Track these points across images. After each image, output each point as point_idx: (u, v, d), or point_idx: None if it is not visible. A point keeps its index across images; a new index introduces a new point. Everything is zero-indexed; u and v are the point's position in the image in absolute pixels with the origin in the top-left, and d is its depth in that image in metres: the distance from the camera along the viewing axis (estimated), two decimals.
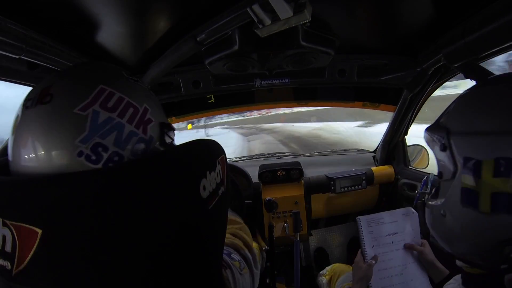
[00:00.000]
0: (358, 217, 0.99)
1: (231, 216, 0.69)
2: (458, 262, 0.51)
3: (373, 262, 0.91)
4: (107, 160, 0.33)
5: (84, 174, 0.31)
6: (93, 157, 0.32)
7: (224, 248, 0.53)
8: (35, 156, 0.32)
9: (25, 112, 0.34)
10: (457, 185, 0.43)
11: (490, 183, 0.38)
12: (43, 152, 0.32)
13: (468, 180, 0.41)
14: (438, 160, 0.49)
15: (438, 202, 0.49)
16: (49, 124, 0.32)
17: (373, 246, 0.95)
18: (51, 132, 0.32)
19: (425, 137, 0.51)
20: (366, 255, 0.94)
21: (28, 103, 0.34)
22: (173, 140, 0.41)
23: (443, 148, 0.45)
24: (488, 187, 0.38)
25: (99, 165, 0.32)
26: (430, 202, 0.51)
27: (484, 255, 0.43)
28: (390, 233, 0.97)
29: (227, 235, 0.59)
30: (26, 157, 0.33)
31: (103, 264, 0.30)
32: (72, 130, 0.32)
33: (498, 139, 0.38)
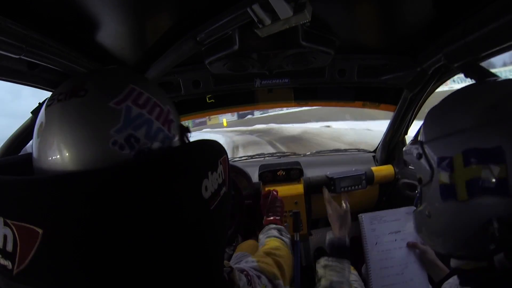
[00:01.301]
0: (361, 214, 0.99)
1: (283, 243, 0.73)
2: (452, 262, 0.52)
3: (347, 204, 0.97)
4: (139, 150, 0.35)
5: (85, 174, 0.31)
6: (126, 147, 0.34)
7: (257, 271, 0.55)
8: (69, 147, 0.33)
9: (58, 104, 0.35)
10: (436, 184, 0.48)
11: (462, 173, 0.44)
12: (78, 142, 0.33)
13: (444, 176, 0.46)
14: (416, 170, 0.54)
15: (422, 207, 0.53)
16: (86, 114, 0.34)
17: (376, 243, 0.95)
18: (88, 122, 0.34)
19: (404, 154, 0.57)
20: (368, 252, 0.93)
21: (61, 97, 0.35)
22: (189, 141, 0.44)
23: (419, 157, 0.51)
24: (461, 177, 0.44)
25: (131, 154, 0.34)
26: (415, 210, 0.56)
27: (471, 244, 0.46)
28: (393, 231, 0.97)
29: (269, 261, 0.60)
30: (59, 150, 0.33)
31: (104, 264, 0.30)
32: (107, 121, 0.34)
33: (462, 136, 0.44)
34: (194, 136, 0.45)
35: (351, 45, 0.93)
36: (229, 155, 0.67)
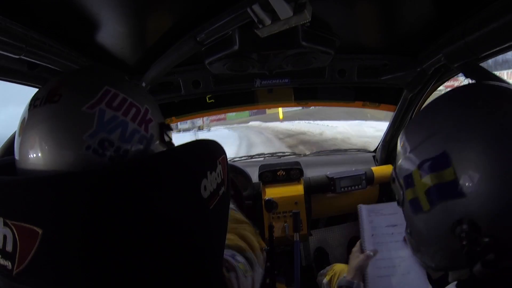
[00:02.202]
0: (360, 205, 0.99)
1: (236, 214, 0.68)
2: (449, 278, 0.53)
3: (371, 254, 0.91)
4: (113, 154, 0.35)
5: (85, 173, 0.31)
6: (100, 151, 0.34)
7: (228, 250, 0.53)
8: (45, 152, 0.34)
9: (34, 110, 0.35)
10: (407, 202, 0.51)
11: (420, 185, 0.47)
12: (52, 147, 0.33)
13: (410, 192, 0.50)
14: (395, 193, 0.57)
15: (406, 227, 0.57)
16: (59, 121, 0.34)
17: (372, 235, 0.95)
18: (60, 128, 0.34)
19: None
20: (364, 242, 0.93)
21: (37, 102, 0.36)
22: (171, 139, 0.43)
23: (393, 181, 0.55)
24: (421, 189, 0.47)
25: (105, 159, 0.34)
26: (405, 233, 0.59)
27: (447, 254, 0.47)
28: (390, 225, 0.97)
29: (232, 236, 0.58)
30: (35, 154, 0.34)
31: (103, 264, 0.30)
32: (80, 126, 0.34)
33: (415, 152, 0.48)
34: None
35: (351, 45, 0.93)
36: None
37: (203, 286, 0.37)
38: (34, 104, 0.36)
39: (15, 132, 0.85)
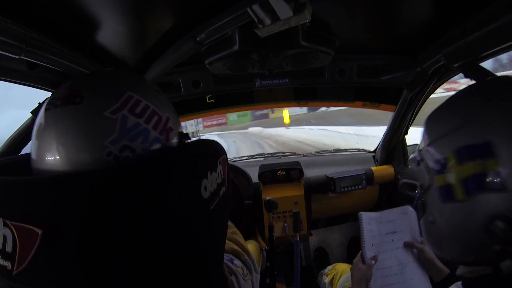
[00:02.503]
0: (361, 212, 0.99)
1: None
2: (458, 270, 0.52)
3: (373, 262, 0.90)
4: (135, 161, 0.34)
5: (84, 174, 0.31)
6: (121, 158, 0.34)
7: (226, 254, 0.53)
8: (63, 154, 0.33)
9: (54, 110, 0.35)
10: (435, 188, 0.48)
11: (457, 172, 0.44)
12: (71, 150, 0.33)
13: (441, 178, 0.46)
14: (418, 178, 0.54)
15: (426, 213, 0.53)
16: (81, 123, 0.33)
17: (372, 244, 0.95)
18: (81, 132, 0.33)
19: (409, 165, 0.58)
20: (365, 253, 0.93)
21: (58, 102, 0.35)
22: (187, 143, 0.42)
23: (418, 163, 0.52)
24: (456, 176, 0.44)
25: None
26: (421, 219, 0.56)
27: (476, 248, 0.45)
28: (389, 232, 0.97)
29: (229, 244, 0.58)
30: (52, 155, 0.33)
31: (103, 265, 0.30)
32: (102, 131, 0.33)
33: (452, 136, 0.45)
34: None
35: (351, 45, 0.93)
36: None
37: (204, 286, 0.37)
38: (54, 104, 0.35)
39: (14, 132, 0.86)
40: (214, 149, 0.42)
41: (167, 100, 0.41)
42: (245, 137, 11.76)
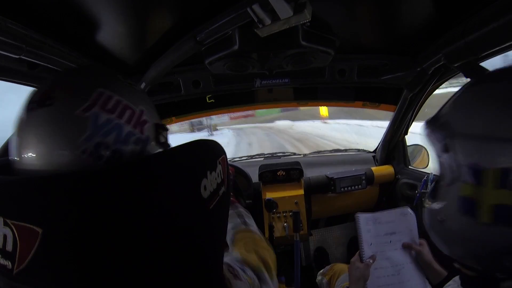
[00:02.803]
0: (357, 214, 0.99)
1: (256, 235, 0.67)
2: (456, 264, 0.51)
3: (371, 261, 0.90)
4: (109, 157, 0.35)
5: (85, 173, 0.31)
6: (96, 154, 0.34)
7: (242, 265, 0.53)
8: (39, 156, 0.34)
9: (28, 114, 0.35)
10: (457, 192, 0.41)
11: (493, 194, 0.36)
12: (47, 152, 0.33)
13: (469, 188, 0.38)
14: (438, 161, 0.47)
15: (436, 206, 0.47)
16: (53, 125, 0.34)
17: (371, 244, 0.95)
18: (55, 133, 0.34)
19: (425, 131, 0.47)
20: (363, 252, 0.93)
21: (31, 106, 0.35)
22: (166, 139, 0.43)
23: (445, 149, 0.42)
24: (490, 198, 0.36)
25: (101, 162, 0.34)
26: (428, 204, 0.49)
27: (481, 261, 0.42)
28: (388, 233, 0.97)
29: (253, 257, 0.58)
30: (31, 157, 0.34)
31: (103, 264, 0.30)
32: (75, 130, 0.34)
33: (507, 146, 0.35)
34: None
35: (351, 45, 0.93)
36: None
37: (203, 286, 0.37)
38: (29, 107, 0.36)
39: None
40: (213, 149, 0.42)
41: (140, 93, 0.42)
42: (268, 136, 9.57)
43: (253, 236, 0.65)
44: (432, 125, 0.45)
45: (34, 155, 0.34)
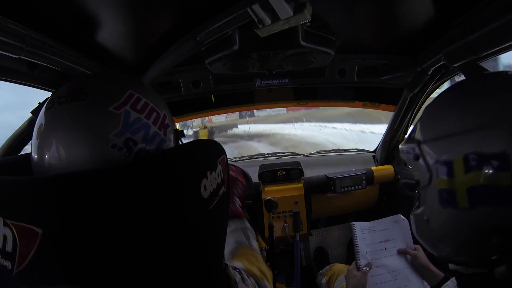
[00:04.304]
0: (353, 222, 1.00)
1: (256, 252, 0.68)
2: (451, 265, 0.51)
3: (367, 269, 0.91)
4: (136, 153, 0.36)
5: (84, 174, 0.31)
6: (125, 150, 0.35)
7: (242, 269, 0.54)
8: (69, 148, 0.34)
9: (58, 107, 0.36)
10: (434, 189, 0.45)
11: (463, 179, 0.40)
12: (78, 144, 0.34)
13: (443, 181, 0.43)
14: (413, 171, 0.51)
15: (420, 210, 0.50)
16: (87, 118, 0.35)
17: (366, 252, 0.96)
18: (87, 126, 0.35)
19: (400, 152, 0.54)
20: (359, 261, 0.94)
21: (61, 100, 0.36)
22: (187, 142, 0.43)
23: (416, 158, 0.48)
24: (462, 183, 0.40)
25: (130, 158, 0.35)
26: (413, 212, 0.53)
27: (472, 252, 0.44)
28: (382, 240, 0.99)
29: (255, 269, 0.59)
30: (57, 151, 0.34)
31: (103, 264, 0.30)
32: (107, 124, 0.35)
33: (463, 138, 0.40)
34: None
35: (351, 45, 0.93)
36: None
37: (204, 285, 0.38)
38: (58, 101, 0.36)
39: (14, 132, 0.86)
40: (213, 149, 0.42)
41: (162, 100, 0.43)
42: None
43: (254, 253, 0.67)
44: (405, 143, 0.52)
45: (61, 151, 0.34)
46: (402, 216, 1.02)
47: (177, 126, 0.46)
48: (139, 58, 0.85)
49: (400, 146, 0.54)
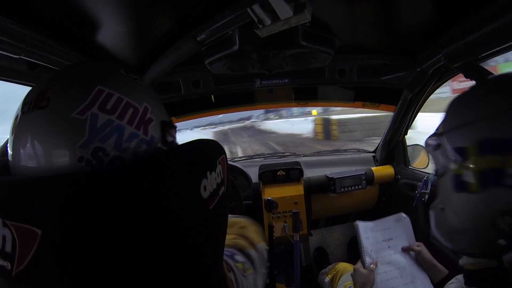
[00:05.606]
0: (356, 221, 1.01)
1: (233, 218, 0.67)
2: (460, 261, 0.52)
3: (374, 267, 0.91)
4: (108, 164, 0.32)
5: (85, 175, 0.31)
6: (94, 162, 0.32)
7: (227, 249, 0.53)
8: (34, 160, 0.32)
9: (23, 117, 0.33)
10: (449, 175, 0.48)
11: (475, 163, 0.43)
12: (42, 157, 0.32)
13: (458, 167, 0.46)
14: (434, 161, 0.53)
15: (437, 200, 0.52)
16: (47, 130, 0.31)
17: (371, 251, 0.97)
18: (49, 138, 0.31)
19: (425, 146, 0.56)
20: (365, 259, 0.94)
21: (25, 108, 0.33)
22: (174, 138, 0.41)
23: (435, 148, 0.51)
24: (474, 167, 0.43)
25: (101, 168, 0.32)
26: (432, 205, 0.54)
27: (484, 242, 0.45)
28: (386, 239, 1.00)
29: (231, 236, 0.58)
30: (26, 159, 0.33)
31: (103, 265, 0.30)
32: (71, 135, 0.31)
33: (478, 126, 0.44)
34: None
35: (351, 45, 0.93)
36: None
37: (203, 287, 0.37)
38: (23, 109, 0.33)
39: None
40: (213, 149, 0.42)
41: (145, 88, 0.38)
42: None
43: (239, 221, 0.65)
44: (429, 137, 0.55)
45: (30, 158, 0.32)
46: (403, 214, 1.03)
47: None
48: (139, 58, 0.85)
49: (425, 140, 0.56)
